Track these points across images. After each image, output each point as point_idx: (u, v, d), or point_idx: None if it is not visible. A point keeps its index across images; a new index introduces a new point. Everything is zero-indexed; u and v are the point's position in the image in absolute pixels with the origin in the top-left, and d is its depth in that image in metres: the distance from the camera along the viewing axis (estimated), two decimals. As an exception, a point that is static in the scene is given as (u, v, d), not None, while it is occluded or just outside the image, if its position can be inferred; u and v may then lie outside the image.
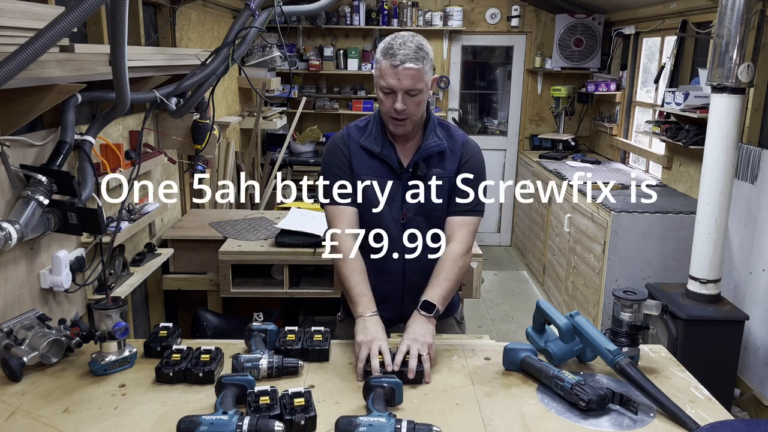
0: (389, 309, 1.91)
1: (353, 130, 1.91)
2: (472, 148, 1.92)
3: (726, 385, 3.04)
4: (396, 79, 1.71)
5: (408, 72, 1.70)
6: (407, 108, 1.74)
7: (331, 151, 1.91)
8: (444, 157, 1.88)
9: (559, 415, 1.46)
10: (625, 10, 5.11)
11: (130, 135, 2.77)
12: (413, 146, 1.88)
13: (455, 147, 1.89)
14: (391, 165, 1.85)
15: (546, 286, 5.11)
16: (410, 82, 1.71)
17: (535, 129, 6.24)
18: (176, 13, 3.35)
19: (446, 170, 1.87)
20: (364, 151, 1.86)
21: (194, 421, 1.28)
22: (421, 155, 1.85)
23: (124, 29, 1.66)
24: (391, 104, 1.74)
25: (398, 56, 1.69)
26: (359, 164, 1.87)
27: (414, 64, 1.70)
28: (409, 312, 1.85)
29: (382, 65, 1.73)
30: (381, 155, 1.84)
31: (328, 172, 1.90)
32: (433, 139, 1.86)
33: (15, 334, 1.62)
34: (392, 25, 5.81)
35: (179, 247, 3.11)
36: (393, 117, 1.77)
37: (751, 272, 3.31)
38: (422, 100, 1.77)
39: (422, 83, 1.73)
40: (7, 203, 1.84)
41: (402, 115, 1.76)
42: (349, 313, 1.97)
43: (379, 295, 1.86)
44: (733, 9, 2.83)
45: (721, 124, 2.92)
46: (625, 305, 1.70)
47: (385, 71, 1.72)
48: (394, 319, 1.94)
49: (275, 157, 5.05)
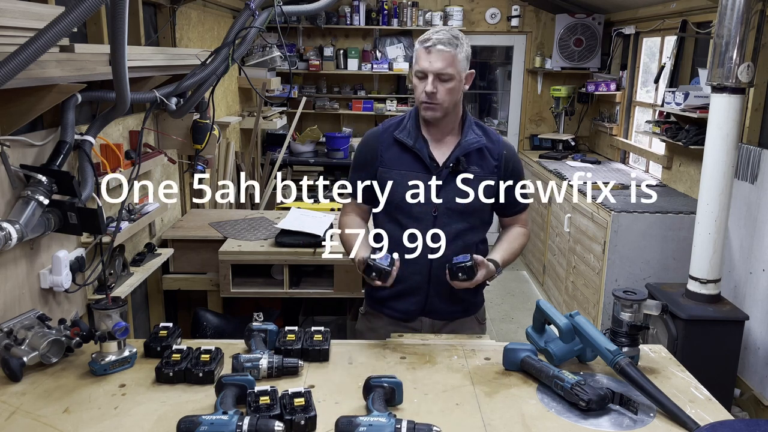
0: (414, 301, 1.96)
1: (390, 124, 1.96)
2: (511, 150, 1.99)
3: (726, 385, 3.04)
4: (428, 61, 1.77)
5: (439, 54, 1.76)
6: (438, 93, 1.79)
7: (360, 148, 1.99)
8: (483, 155, 1.92)
9: (559, 415, 1.46)
10: (625, 10, 5.11)
11: (130, 135, 2.78)
12: (449, 143, 1.92)
13: (493, 147, 1.94)
14: (422, 160, 1.88)
15: (546, 286, 5.11)
16: (441, 64, 1.76)
17: (535, 129, 6.24)
18: (176, 13, 3.35)
19: (483, 169, 1.92)
20: (398, 144, 1.90)
21: (194, 421, 1.28)
22: (461, 151, 1.88)
23: (124, 29, 1.66)
24: (423, 88, 1.79)
25: (432, 40, 1.77)
26: (390, 157, 1.91)
27: (446, 48, 1.76)
28: (434, 305, 1.94)
29: (418, 50, 1.80)
30: (414, 149, 1.88)
31: (354, 166, 1.99)
32: (472, 136, 1.91)
33: (15, 334, 1.62)
34: (392, 25, 5.81)
35: (179, 247, 3.11)
36: (424, 102, 1.82)
37: (751, 272, 3.31)
38: (454, 88, 1.81)
39: (453, 68, 1.78)
40: (7, 203, 1.84)
41: (432, 99, 1.80)
42: (372, 306, 2.04)
43: (405, 287, 1.93)
44: (733, 9, 2.83)
45: (721, 124, 2.92)
46: (625, 305, 1.70)
47: (419, 55, 1.79)
48: (419, 311, 1.98)
49: (275, 157, 5.05)
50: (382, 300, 2.01)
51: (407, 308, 1.97)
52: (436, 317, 1.99)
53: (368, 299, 2.09)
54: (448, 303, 1.97)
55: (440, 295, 1.93)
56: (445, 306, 1.97)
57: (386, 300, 2.00)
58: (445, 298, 1.95)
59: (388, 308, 2.01)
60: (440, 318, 2.00)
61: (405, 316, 1.99)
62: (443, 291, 1.92)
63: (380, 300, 2.02)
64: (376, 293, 2.02)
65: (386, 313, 2.02)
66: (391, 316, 2.01)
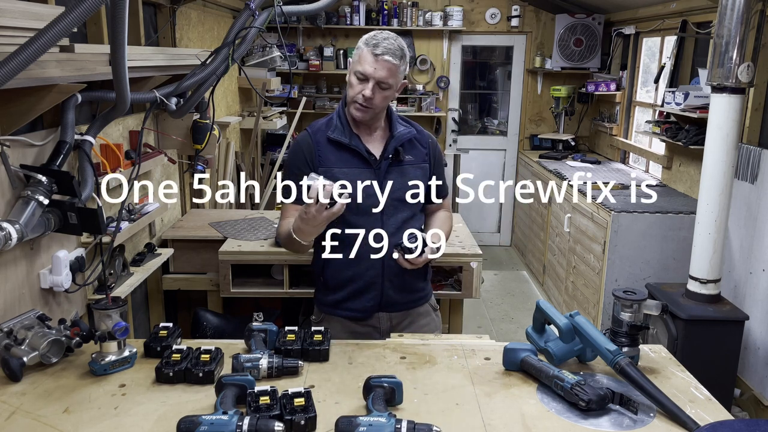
0: (370, 297, 1.99)
1: (318, 127, 1.98)
2: (434, 139, 2.09)
3: (726, 385, 3.04)
4: (373, 68, 1.81)
5: (386, 64, 1.81)
6: (374, 99, 1.84)
7: (293, 151, 1.99)
8: (413, 145, 2.00)
9: (559, 415, 1.46)
10: (625, 10, 5.11)
11: (130, 135, 2.77)
12: (380, 137, 1.98)
13: (420, 137, 2.02)
14: (361, 154, 1.92)
15: (546, 286, 5.11)
16: (385, 74, 1.82)
17: (535, 129, 6.24)
18: (176, 13, 3.35)
19: (415, 157, 1.99)
20: (332, 144, 1.93)
21: (194, 421, 1.28)
22: (396, 142, 1.94)
23: (124, 29, 1.66)
24: (360, 90, 1.83)
25: (381, 47, 1.81)
26: (328, 158, 1.92)
27: (393, 59, 1.82)
28: (390, 299, 1.98)
29: (363, 52, 1.83)
30: (350, 145, 1.91)
31: (290, 170, 1.98)
32: (401, 128, 1.97)
33: (15, 334, 1.62)
34: (392, 25, 5.81)
35: (179, 247, 3.11)
36: (359, 103, 1.86)
37: (751, 272, 3.31)
38: (389, 96, 1.88)
39: (394, 79, 1.85)
40: (7, 203, 1.84)
41: (368, 103, 1.84)
42: (325, 311, 2.06)
43: (360, 285, 1.96)
44: (733, 9, 2.83)
45: (721, 124, 2.92)
46: (625, 305, 1.70)
47: (365, 58, 1.82)
48: (375, 307, 2.01)
49: (275, 157, 5.05)
50: (336, 303, 2.02)
51: (364, 305, 1.99)
52: (392, 310, 2.03)
53: (319, 305, 2.09)
54: (402, 294, 2.01)
55: (395, 287, 1.99)
56: (400, 297, 2.01)
57: (340, 302, 2.01)
58: (399, 290, 2.00)
59: (343, 310, 2.02)
60: (396, 310, 2.03)
61: (362, 315, 2.01)
62: (397, 282, 1.98)
63: (333, 303, 2.03)
64: (327, 297, 2.03)
65: (342, 315, 2.02)
66: (348, 317, 2.02)
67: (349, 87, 1.88)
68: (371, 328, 2.03)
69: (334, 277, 1.99)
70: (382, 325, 2.04)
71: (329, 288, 2.02)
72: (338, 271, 1.98)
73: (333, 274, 1.99)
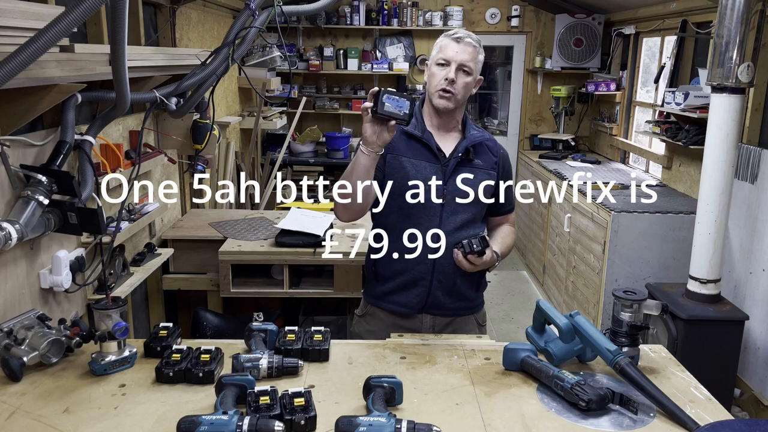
0: (417, 293, 1.97)
1: None
2: (506, 152, 2.10)
3: (726, 385, 3.04)
4: (455, 51, 1.86)
5: (467, 47, 1.86)
6: (457, 83, 1.87)
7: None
8: (484, 150, 2.00)
9: (559, 415, 1.46)
10: (625, 10, 5.11)
11: (130, 135, 2.78)
12: (453, 138, 1.99)
13: (492, 145, 2.04)
14: (431, 149, 1.93)
15: (546, 286, 5.11)
16: (467, 56, 1.86)
17: (535, 129, 6.24)
18: (176, 13, 3.35)
19: (484, 162, 2.00)
20: (406, 135, 1.95)
21: (194, 421, 1.28)
22: (469, 142, 1.96)
23: (124, 29, 1.66)
24: (444, 75, 1.86)
25: (461, 34, 1.88)
26: (399, 146, 1.94)
27: (474, 43, 1.88)
28: (436, 299, 1.96)
29: (443, 42, 1.90)
30: (422, 139, 1.94)
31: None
32: (475, 131, 2.00)
33: (15, 334, 1.62)
34: (392, 25, 5.82)
35: (179, 247, 3.11)
36: (443, 89, 1.88)
37: (751, 272, 3.31)
38: (469, 84, 1.91)
39: (474, 65, 1.89)
40: (7, 203, 1.84)
41: (452, 87, 1.87)
42: (371, 302, 2.04)
43: (408, 278, 1.95)
44: (733, 9, 2.83)
45: (721, 124, 2.92)
46: (625, 305, 1.70)
47: (446, 45, 1.88)
48: (421, 304, 1.98)
49: (275, 157, 5.05)
50: (383, 294, 2.01)
51: (409, 301, 1.97)
52: (437, 313, 1.99)
53: (367, 296, 2.08)
54: (450, 298, 1.98)
55: (443, 288, 1.95)
56: (448, 301, 1.98)
57: (387, 294, 2.00)
58: (447, 292, 1.97)
59: (388, 302, 2.00)
60: (441, 314, 2.00)
61: (406, 311, 1.99)
62: (446, 284, 1.95)
63: (381, 295, 2.01)
64: (376, 288, 2.02)
65: (387, 308, 2.01)
66: (392, 311, 2.00)
67: (431, 77, 1.91)
68: (413, 331, 1.99)
69: (385, 268, 1.98)
70: (425, 329, 2.00)
71: (378, 279, 2.01)
72: (389, 263, 1.97)
73: (384, 265, 1.98)
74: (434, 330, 2.01)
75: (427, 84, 1.96)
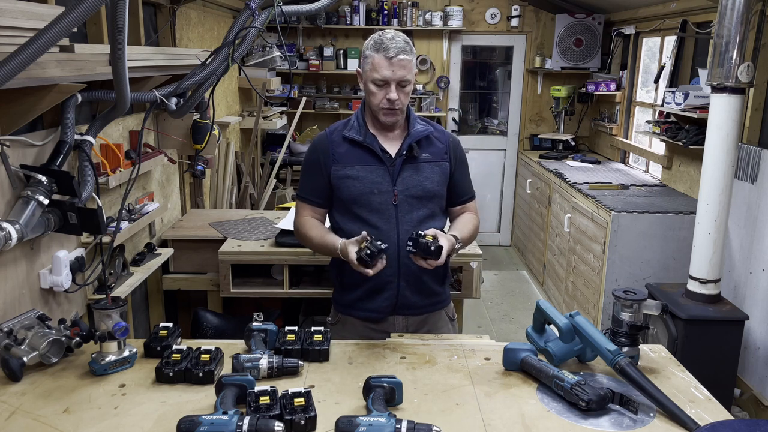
0: (386, 297, 1.96)
1: (336, 127, 2.01)
2: (456, 138, 2.07)
3: (726, 385, 3.04)
4: (391, 71, 1.82)
5: (401, 63, 1.83)
6: (399, 98, 1.86)
7: (310, 150, 2.01)
8: (431, 142, 1.99)
9: (559, 415, 1.46)
10: (625, 10, 5.11)
11: (130, 135, 2.78)
12: (397, 136, 1.98)
13: (439, 135, 2.01)
14: (375, 152, 1.92)
15: (546, 286, 5.11)
16: (403, 72, 1.84)
17: (535, 129, 6.24)
18: (176, 13, 3.35)
19: (433, 155, 1.98)
20: (348, 143, 1.94)
21: (194, 421, 1.28)
22: (412, 139, 1.94)
23: (124, 29, 1.66)
24: (384, 96, 1.85)
25: (391, 49, 1.81)
26: (342, 155, 1.94)
27: (406, 56, 1.83)
28: (405, 300, 1.96)
29: (375, 59, 1.83)
30: (365, 143, 1.92)
31: (305, 171, 2.01)
32: (418, 126, 1.97)
33: (15, 334, 1.62)
34: (392, 25, 5.81)
35: (179, 247, 3.11)
36: (386, 108, 1.87)
37: (751, 272, 3.31)
38: (410, 90, 1.90)
39: (411, 74, 1.87)
40: (7, 203, 1.84)
41: (394, 105, 1.86)
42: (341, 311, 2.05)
43: (375, 285, 1.94)
44: (733, 9, 2.83)
45: (721, 124, 2.92)
46: (625, 305, 1.70)
47: (379, 64, 1.82)
48: (391, 307, 1.98)
49: (275, 157, 5.05)
50: (352, 302, 2.01)
51: (379, 306, 1.97)
52: (408, 313, 2.00)
53: (336, 305, 2.08)
54: (420, 296, 1.99)
55: (411, 288, 1.96)
56: (417, 300, 1.99)
57: (356, 302, 2.00)
58: (417, 291, 1.97)
59: (358, 310, 2.00)
60: (413, 314, 2.01)
61: (377, 315, 1.99)
62: (414, 283, 1.95)
63: (350, 303, 2.01)
64: (344, 297, 2.03)
65: (357, 316, 2.01)
66: (363, 318, 2.01)
67: (371, 95, 1.88)
68: (386, 334, 1.98)
69: (351, 276, 1.95)
70: (397, 329, 2.01)
71: (345, 287, 2.01)
72: (354, 271, 1.92)
73: (349, 273, 1.94)
74: (407, 330, 2.02)
75: (365, 95, 1.93)
